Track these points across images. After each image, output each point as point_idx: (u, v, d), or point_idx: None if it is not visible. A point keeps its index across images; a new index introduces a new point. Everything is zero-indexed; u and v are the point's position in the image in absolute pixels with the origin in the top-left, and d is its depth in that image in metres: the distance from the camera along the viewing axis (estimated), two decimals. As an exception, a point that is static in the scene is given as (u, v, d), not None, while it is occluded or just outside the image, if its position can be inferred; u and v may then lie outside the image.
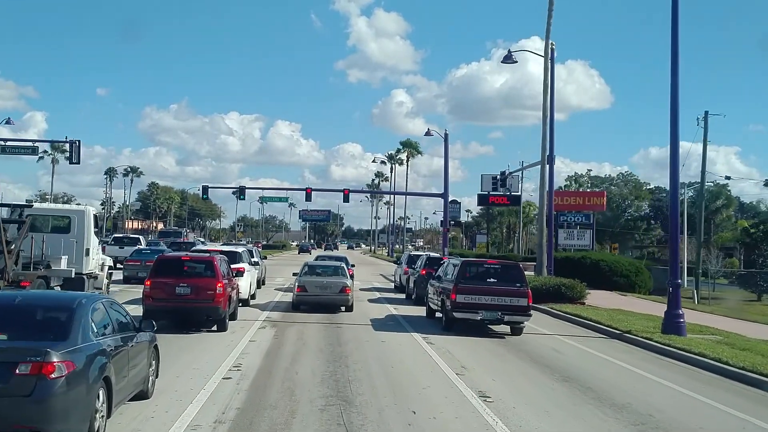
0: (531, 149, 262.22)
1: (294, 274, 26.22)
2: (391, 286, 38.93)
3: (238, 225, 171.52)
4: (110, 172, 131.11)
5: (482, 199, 62.73)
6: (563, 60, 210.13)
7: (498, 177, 50.71)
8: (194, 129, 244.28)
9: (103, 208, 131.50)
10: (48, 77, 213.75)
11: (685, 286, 44.27)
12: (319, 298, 23.21)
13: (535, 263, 33.33)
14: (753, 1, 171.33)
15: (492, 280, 20.22)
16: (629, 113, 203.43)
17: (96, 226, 22.84)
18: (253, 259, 32.09)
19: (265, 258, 36.54)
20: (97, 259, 22.94)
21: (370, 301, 28.80)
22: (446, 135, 56.93)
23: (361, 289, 32.91)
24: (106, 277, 23.60)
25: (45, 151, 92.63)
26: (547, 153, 31.81)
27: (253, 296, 26.02)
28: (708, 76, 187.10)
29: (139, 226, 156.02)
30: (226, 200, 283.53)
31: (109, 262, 24.28)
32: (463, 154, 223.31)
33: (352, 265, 34.02)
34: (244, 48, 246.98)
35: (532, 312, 20.20)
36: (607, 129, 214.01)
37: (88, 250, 21.72)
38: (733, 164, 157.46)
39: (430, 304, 23.44)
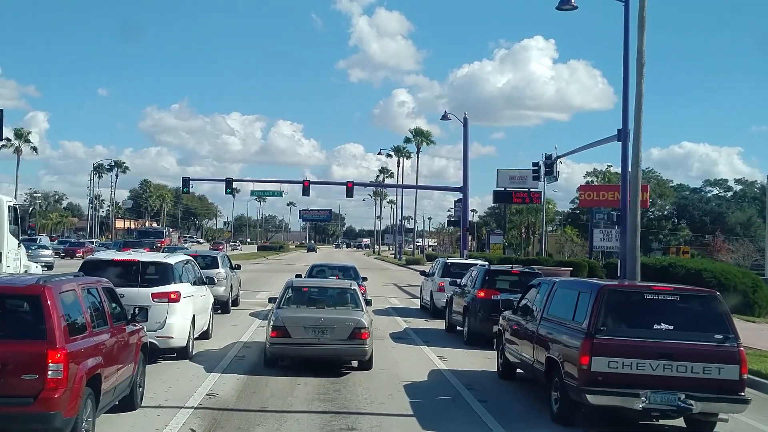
0: (533, 150, 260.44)
1: (270, 301, 15.41)
2: (414, 303, 28.69)
3: (226, 224, 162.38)
4: (98, 168, 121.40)
5: (500, 196, 55.08)
6: (566, 60, 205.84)
7: (542, 162, 40.14)
8: (195, 129, 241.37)
9: (92, 207, 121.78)
10: (50, 77, 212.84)
11: None
12: (311, 350, 12.77)
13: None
14: (753, 1, 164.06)
15: (662, 326, 9.93)
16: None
17: (15, 222, 18.29)
18: (219, 271, 21.89)
19: (239, 268, 25.71)
20: (15, 266, 18.35)
21: (395, 338, 18.43)
22: (465, 119, 48.91)
23: (375, 312, 22.26)
24: None
25: (8, 139, 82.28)
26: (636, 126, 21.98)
27: (205, 335, 15.82)
28: (708, 76, 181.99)
29: (132, 225, 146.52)
30: (224, 200, 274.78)
31: (36, 269, 19.39)
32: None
33: (364, 279, 23.35)
34: (245, 48, 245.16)
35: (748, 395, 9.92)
36: (609, 129, 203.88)
37: None
38: (735, 165, 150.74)
39: (507, 355, 13.30)
